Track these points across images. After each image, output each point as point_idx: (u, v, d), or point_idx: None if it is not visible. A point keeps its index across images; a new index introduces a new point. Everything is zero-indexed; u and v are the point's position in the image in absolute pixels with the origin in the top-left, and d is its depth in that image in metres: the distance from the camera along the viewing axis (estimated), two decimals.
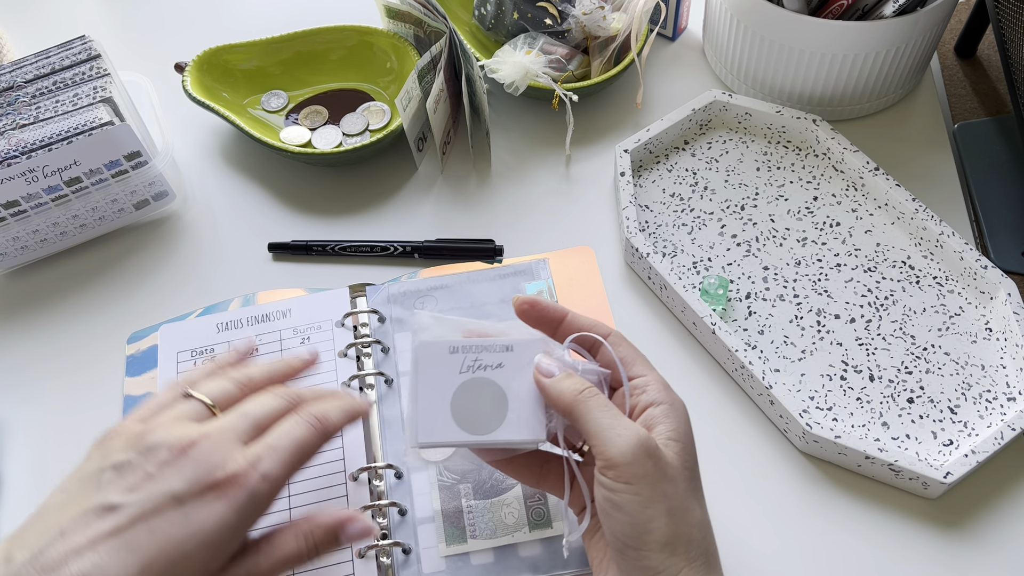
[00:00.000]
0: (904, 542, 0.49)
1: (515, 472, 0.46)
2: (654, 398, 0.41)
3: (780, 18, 0.62)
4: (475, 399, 0.43)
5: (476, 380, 0.43)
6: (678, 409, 0.41)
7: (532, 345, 0.43)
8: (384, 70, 0.71)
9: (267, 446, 0.39)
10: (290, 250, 0.63)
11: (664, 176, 0.65)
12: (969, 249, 0.57)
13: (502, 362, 0.43)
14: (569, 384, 0.41)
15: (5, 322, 0.61)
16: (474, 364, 0.43)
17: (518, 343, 0.43)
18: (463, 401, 0.43)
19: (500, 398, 0.43)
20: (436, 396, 0.43)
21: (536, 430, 0.42)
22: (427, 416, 0.43)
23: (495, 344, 0.43)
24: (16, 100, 0.60)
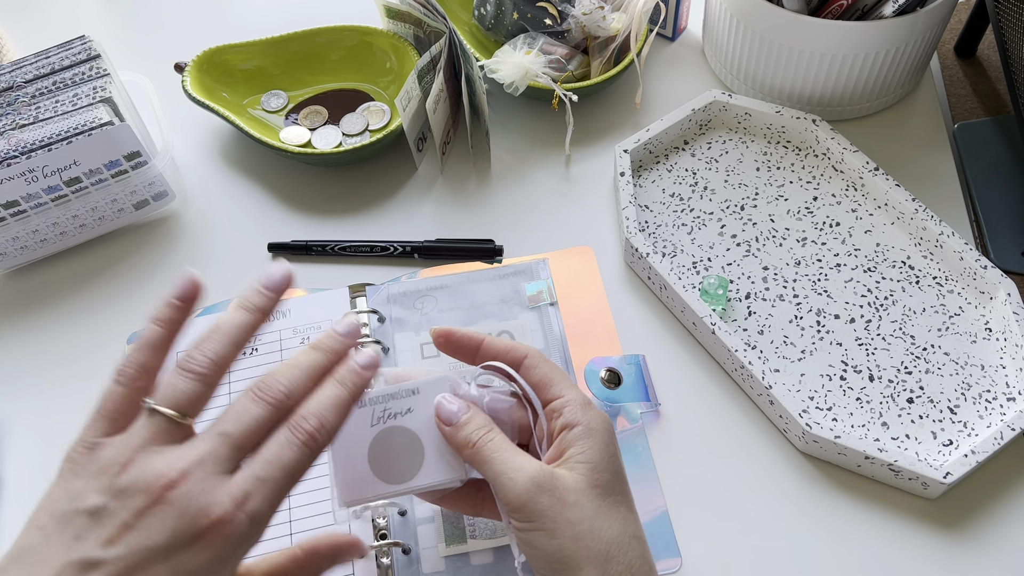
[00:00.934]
0: (904, 542, 0.49)
1: (453, 505, 0.45)
2: (569, 420, 0.41)
3: (780, 18, 0.62)
4: (391, 448, 0.42)
5: (389, 430, 0.42)
6: (593, 428, 0.41)
7: (437, 384, 0.42)
8: (384, 70, 0.71)
9: (254, 478, 0.34)
10: (290, 250, 0.63)
11: (664, 176, 0.65)
12: (969, 249, 0.57)
13: (411, 407, 0.42)
14: (465, 434, 0.41)
15: (5, 322, 0.61)
16: (384, 414, 0.42)
17: (423, 385, 0.43)
18: (379, 453, 0.42)
19: (415, 443, 0.42)
20: (352, 453, 0.42)
21: (455, 468, 0.42)
22: (346, 475, 0.42)
23: (401, 390, 0.42)
24: (16, 100, 0.60)
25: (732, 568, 0.49)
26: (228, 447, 0.35)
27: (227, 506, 0.33)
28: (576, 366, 0.56)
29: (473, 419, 0.41)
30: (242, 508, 0.34)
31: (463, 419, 0.41)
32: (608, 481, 0.40)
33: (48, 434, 0.56)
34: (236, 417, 0.36)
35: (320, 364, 0.39)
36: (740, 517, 0.50)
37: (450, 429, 0.41)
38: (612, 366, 0.54)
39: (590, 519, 0.38)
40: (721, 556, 0.49)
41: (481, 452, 0.40)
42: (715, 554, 0.49)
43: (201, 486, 0.33)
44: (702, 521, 0.50)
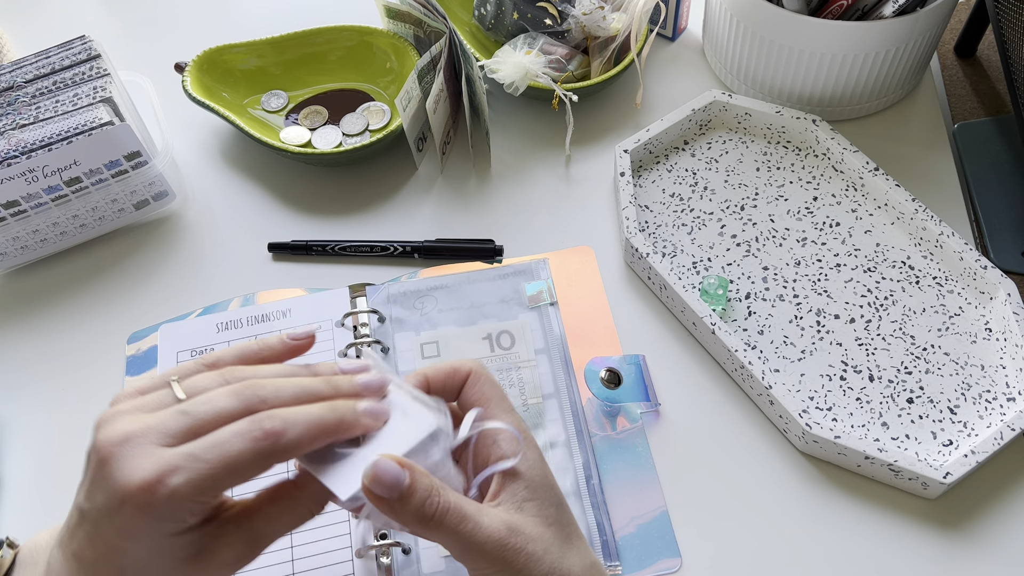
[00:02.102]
0: (904, 542, 0.49)
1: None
2: (505, 451, 0.38)
3: (780, 18, 0.62)
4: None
5: None
6: (531, 461, 0.38)
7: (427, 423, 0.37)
8: (384, 70, 0.71)
9: (188, 455, 0.33)
10: (290, 250, 0.63)
11: (664, 176, 0.65)
12: (969, 249, 0.57)
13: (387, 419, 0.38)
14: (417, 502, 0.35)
15: (5, 322, 0.61)
16: None
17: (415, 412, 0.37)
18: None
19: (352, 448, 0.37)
20: None
21: (348, 493, 0.35)
22: None
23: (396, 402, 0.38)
24: (16, 100, 0.60)
25: (732, 568, 0.49)
26: (181, 424, 0.34)
27: (148, 475, 0.32)
28: (576, 366, 0.56)
29: (417, 484, 0.35)
30: (163, 481, 0.32)
31: (405, 486, 0.35)
32: (556, 516, 0.38)
33: (48, 434, 0.56)
34: (205, 400, 0.35)
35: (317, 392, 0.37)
36: (740, 517, 0.50)
37: (395, 502, 0.35)
38: (612, 366, 0.54)
39: (558, 564, 0.37)
40: (721, 556, 0.49)
41: (442, 526, 0.35)
42: (715, 554, 0.49)
43: (134, 451, 0.33)
44: (702, 521, 0.50)
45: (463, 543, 0.35)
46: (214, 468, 0.33)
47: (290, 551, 0.49)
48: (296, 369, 0.38)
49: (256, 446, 0.33)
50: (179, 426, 0.34)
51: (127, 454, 0.33)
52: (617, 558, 0.49)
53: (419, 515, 0.35)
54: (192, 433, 0.34)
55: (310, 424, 0.35)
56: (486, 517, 0.36)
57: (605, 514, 0.50)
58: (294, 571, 0.48)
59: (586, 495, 0.51)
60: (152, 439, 0.33)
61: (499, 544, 0.35)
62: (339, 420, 0.36)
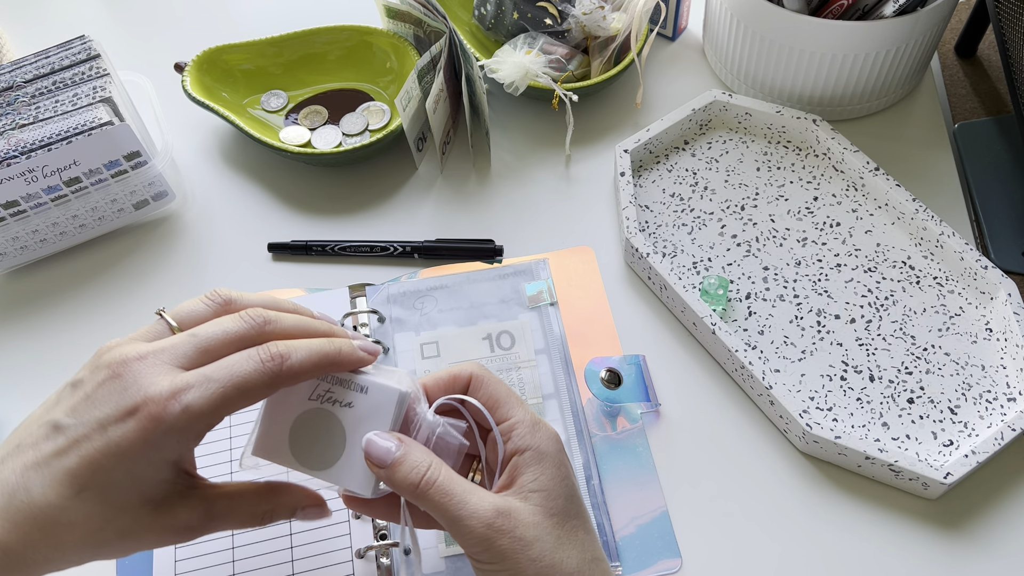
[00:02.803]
0: (904, 542, 0.49)
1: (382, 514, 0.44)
2: (519, 444, 0.40)
3: (780, 18, 0.61)
4: (316, 430, 0.40)
5: (322, 412, 0.40)
6: (544, 452, 0.40)
7: (388, 393, 0.40)
8: (384, 70, 0.71)
9: (201, 375, 0.36)
10: (290, 250, 0.63)
11: (664, 176, 0.64)
12: (969, 249, 0.57)
13: (352, 401, 0.40)
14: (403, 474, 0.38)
15: (5, 322, 0.61)
16: (325, 394, 0.40)
17: (374, 386, 0.40)
18: (304, 428, 0.40)
19: (340, 438, 0.40)
20: (280, 414, 0.41)
21: (367, 482, 0.39)
22: (265, 431, 0.41)
23: (353, 381, 0.40)
24: (16, 100, 0.60)
25: (732, 568, 0.49)
26: (191, 346, 0.37)
27: (164, 389, 0.35)
28: (576, 366, 0.56)
29: (408, 455, 0.38)
30: (177, 397, 0.35)
31: (397, 456, 0.38)
32: (563, 507, 0.39)
33: None
34: (212, 325, 0.38)
35: (318, 330, 0.40)
36: (740, 517, 0.50)
37: (385, 471, 0.38)
38: (612, 366, 0.54)
39: (551, 553, 0.38)
40: (721, 556, 0.49)
41: (428, 496, 0.37)
42: (715, 554, 0.49)
43: (150, 368, 0.36)
44: (702, 521, 0.50)
45: (448, 518, 0.37)
46: (225, 388, 0.36)
47: (290, 551, 0.49)
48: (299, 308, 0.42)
49: (263, 368, 0.36)
50: (189, 349, 0.37)
51: (144, 370, 0.36)
52: (617, 558, 0.49)
53: (406, 484, 0.37)
54: (203, 355, 0.37)
55: (311, 352, 0.38)
56: (474, 497, 0.38)
57: (605, 514, 0.50)
58: (294, 571, 0.48)
59: (586, 495, 0.51)
60: (166, 359, 0.36)
61: (481, 523, 0.37)
62: (338, 351, 0.39)
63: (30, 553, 0.35)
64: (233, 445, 0.53)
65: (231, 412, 0.37)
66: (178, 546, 0.49)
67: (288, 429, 0.41)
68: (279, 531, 0.50)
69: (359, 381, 0.40)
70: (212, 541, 0.49)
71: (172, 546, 0.49)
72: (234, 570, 0.48)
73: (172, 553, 0.49)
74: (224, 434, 0.53)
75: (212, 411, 0.36)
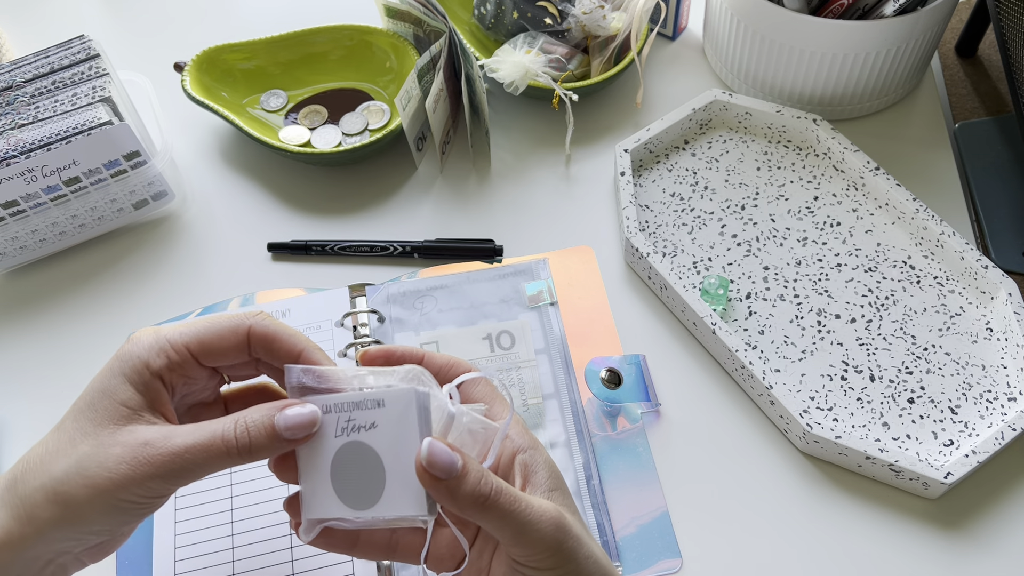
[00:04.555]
0: (904, 542, 0.49)
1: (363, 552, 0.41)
2: (519, 444, 0.39)
3: (780, 18, 0.61)
4: (353, 467, 0.37)
5: (352, 445, 0.37)
6: (541, 451, 0.39)
7: (403, 397, 0.36)
8: (384, 70, 0.71)
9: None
10: (289, 250, 0.63)
11: (664, 176, 0.64)
12: (970, 249, 0.56)
13: (375, 421, 0.37)
14: (472, 484, 0.35)
15: (5, 322, 0.61)
16: (348, 425, 0.37)
17: (388, 396, 0.36)
18: (342, 470, 0.37)
19: (377, 466, 0.36)
20: (316, 464, 0.38)
21: (419, 503, 0.36)
22: (310, 488, 0.38)
23: (366, 399, 0.37)
24: (15, 100, 0.60)
25: (732, 568, 0.49)
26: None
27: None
28: (576, 366, 0.56)
29: (469, 467, 0.35)
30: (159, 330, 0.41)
31: (459, 469, 0.35)
32: (572, 503, 0.39)
33: None
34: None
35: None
36: (740, 517, 0.50)
37: (448, 484, 0.35)
38: (612, 366, 0.54)
39: (592, 546, 0.38)
40: (721, 556, 0.49)
41: (497, 507, 0.35)
42: (715, 554, 0.49)
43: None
44: (702, 521, 0.50)
45: (517, 525, 0.35)
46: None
47: (290, 551, 0.49)
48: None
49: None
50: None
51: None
52: (617, 558, 0.49)
53: (475, 496, 0.35)
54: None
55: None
56: (535, 501, 0.36)
57: (605, 514, 0.50)
58: (294, 571, 0.48)
59: (586, 495, 0.51)
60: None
61: (553, 523, 0.35)
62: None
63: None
64: None
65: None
66: (178, 546, 0.49)
67: (329, 478, 0.38)
68: (279, 531, 0.50)
69: (371, 396, 0.37)
70: (212, 541, 0.49)
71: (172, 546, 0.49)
72: (234, 570, 0.48)
73: (172, 553, 0.49)
74: None
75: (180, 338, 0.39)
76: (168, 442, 0.36)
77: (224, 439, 0.36)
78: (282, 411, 0.37)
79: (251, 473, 0.52)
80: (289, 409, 0.37)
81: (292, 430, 0.37)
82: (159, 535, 0.50)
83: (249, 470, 0.52)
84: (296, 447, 0.38)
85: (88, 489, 0.35)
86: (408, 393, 0.36)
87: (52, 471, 0.36)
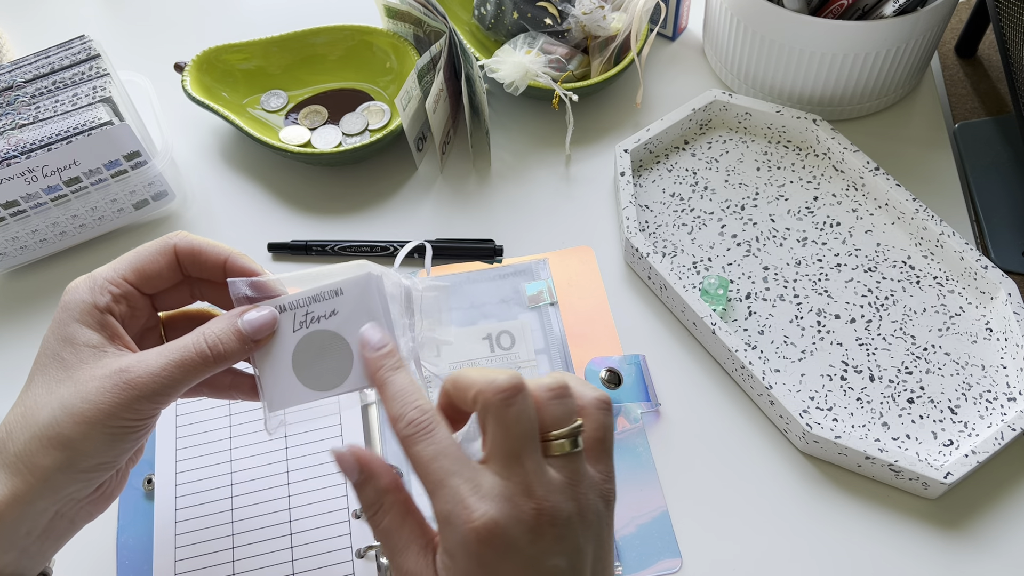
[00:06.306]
0: (904, 542, 0.49)
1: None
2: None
3: (780, 18, 0.61)
4: (316, 354, 0.40)
5: (312, 334, 0.40)
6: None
7: (360, 282, 0.40)
8: (384, 70, 0.71)
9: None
10: (290, 250, 0.63)
11: (664, 176, 0.64)
12: (969, 249, 0.57)
13: (335, 308, 0.40)
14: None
15: (5, 322, 0.61)
16: (306, 319, 0.41)
17: (346, 284, 0.40)
18: (304, 359, 0.40)
19: (342, 346, 0.40)
20: (277, 361, 0.41)
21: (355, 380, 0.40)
22: (271, 385, 0.41)
23: (323, 291, 0.40)
24: (15, 100, 0.60)
25: (732, 568, 0.49)
26: None
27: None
28: (576, 366, 0.56)
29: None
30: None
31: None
32: None
33: None
34: None
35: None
36: (740, 517, 0.50)
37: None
38: (612, 366, 0.54)
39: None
40: (721, 556, 0.49)
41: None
42: (715, 554, 0.49)
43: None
44: (702, 521, 0.50)
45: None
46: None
47: (290, 551, 0.49)
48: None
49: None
50: None
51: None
52: (617, 558, 0.49)
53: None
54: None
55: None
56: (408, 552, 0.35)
57: None
58: (294, 571, 0.48)
59: None
60: None
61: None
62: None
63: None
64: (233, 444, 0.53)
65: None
66: (178, 546, 0.49)
67: (291, 369, 0.41)
68: (279, 531, 0.50)
69: (329, 287, 0.40)
70: (212, 541, 0.49)
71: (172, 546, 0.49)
72: (234, 570, 0.48)
73: (172, 553, 0.49)
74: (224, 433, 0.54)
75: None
76: (144, 364, 0.38)
77: (198, 350, 0.39)
78: (242, 316, 0.40)
79: (251, 474, 0.52)
80: (247, 314, 0.40)
81: (256, 331, 0.40)
82: (159, 535, 0.50)
83: (249, 470, 0.52)
84: (259, 348, 0.41)
85: (80, 424, 0.37)
86: (365, 278, 0.40)
87: (39, 420, 0.37)
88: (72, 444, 0.37)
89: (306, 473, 0.51)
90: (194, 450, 0.53)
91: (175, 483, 0.52)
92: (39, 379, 0.39)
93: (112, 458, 0.39)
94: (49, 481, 0.37)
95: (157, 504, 0.51)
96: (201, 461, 0.52)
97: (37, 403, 0.38)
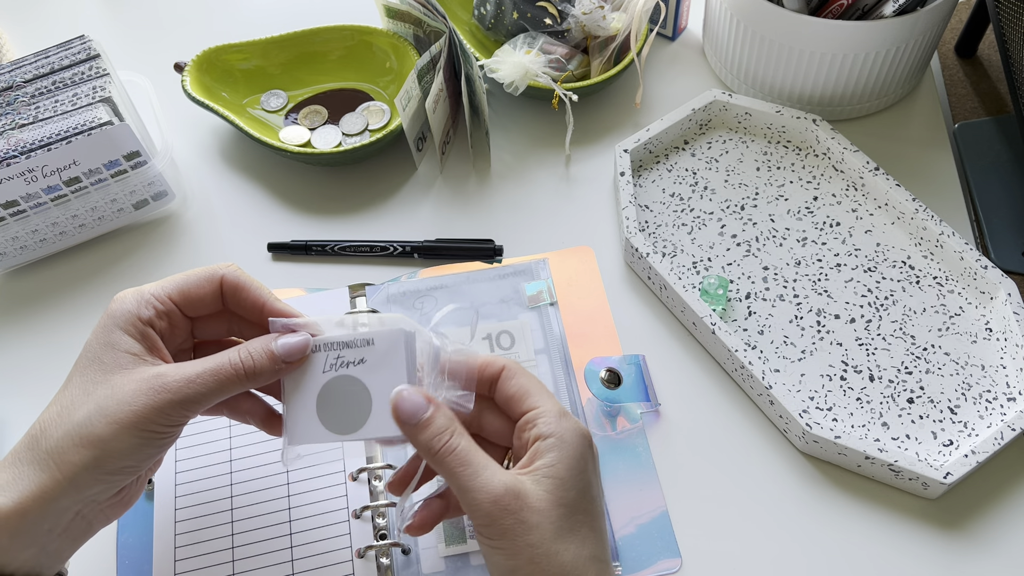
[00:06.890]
0: (904, 542, 0.49)
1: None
2: (543, 431, 0.41)
3: (780, 18, 0.61)
4: (340, 397, 0.42)
5: (340, 378, 0.42)
6: (566, 441, 0.40)
7: (392, 336, 0.42)
8: (384, 70, 0.71)
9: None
10: (290, 250, 0.63)
11: (664, 176, 0.64)
12: (969, 249, 0.57)
13: (364, 357, 0.42)
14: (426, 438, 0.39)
15: (5, 322, 0.61)
16: (336, 362, 0.43)
17: (379, 335, 0.42)
18: (328, 401, 0.42)
19: (364, 395, 0.42)
20: (303, 397, 0.43)
21: (397, 428, 0.41)
22: (294, 419, 0.43)
23: (356, 339, 0.42)
24: (15, 100, 0.60)
25: (732, 568, 0.49)
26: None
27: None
28: (576, 366, 0.56)
29: (435, 420, 0.40)
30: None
31: (424, 419, 0.40)
32: (574, 500, 0.39)
33: None
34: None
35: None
36: (740, 517, 0.50)
37: (411, 429, 0.40)
38: (612, 366, 0.54)
39: (548, 542, 0.38)
40: (721, 556, 0.49)
41: (444, 463, 0.39)
42: (715, 554, 0.49)
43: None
44: (702, 521, 0.50)
45: (459, 485, 0.39)
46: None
47: (290, 551, 0.49)
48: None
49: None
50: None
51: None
52: (617, 558, 0.49)
53: (427, 447, 0.39)
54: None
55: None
56: (487, 471, 0.39)
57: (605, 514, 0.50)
58: (294, 571, 0.48)
59: None
60: None
61: (490, 498, 0.38)
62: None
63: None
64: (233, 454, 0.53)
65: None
66: (178, 546, 0.49)
67: (314, 407, 0.43)
68: (279, 531, 0.50)
69: (361, 335, 0.42)
70: (212, 541, 0.49)
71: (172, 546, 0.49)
72: (234, 570, 0.48)
73: (172, 553, 0.49)
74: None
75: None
76: (180, 371, 0.40)
77: (232, 364, 0.41)
78: (277, 340, 0.42)
79: (251, 474, 0.52)
80: (282, 338, 0.43)
81: (288, 353, 0.42)
82: (159, 535, 0.50)
83: (249, 470, 0.52)
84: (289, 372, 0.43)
85: (113, 425, 0.39)
86: (397, 333, 0.42)
87: (74, 419, 0.39)
88: (103, 444, 0.38)
89: (306, 473, 0.51)
90: (194, 450, 0.53)
91: (175, 483, 0.52)
92: (77, 380, 0.41)
93: (137, 462, 0.40)
94: (75, 479, 0.38)
95: (157, 504, 0.51)
96: (201, 461, 0.52)
97: (74, 402, 0.40)
